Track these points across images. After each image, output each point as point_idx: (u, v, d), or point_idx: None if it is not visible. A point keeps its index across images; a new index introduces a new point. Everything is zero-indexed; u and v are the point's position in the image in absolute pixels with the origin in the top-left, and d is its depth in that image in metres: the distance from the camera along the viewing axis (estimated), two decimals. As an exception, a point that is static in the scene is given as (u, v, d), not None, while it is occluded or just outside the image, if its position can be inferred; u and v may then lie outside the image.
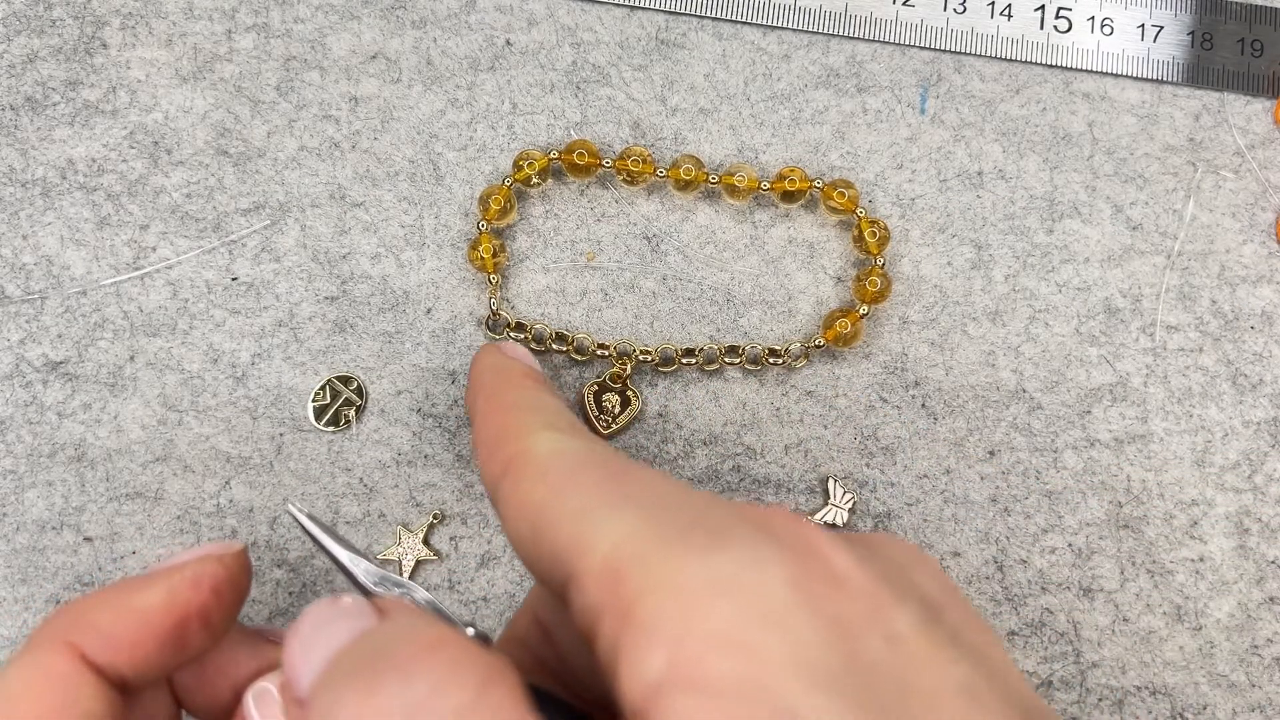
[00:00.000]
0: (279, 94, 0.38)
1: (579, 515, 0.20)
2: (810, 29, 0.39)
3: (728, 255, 0.38)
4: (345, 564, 0.26)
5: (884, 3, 0.39)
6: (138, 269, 0.37)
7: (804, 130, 0.39)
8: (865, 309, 0.36)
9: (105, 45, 0.38)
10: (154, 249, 0.37)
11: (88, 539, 0.35)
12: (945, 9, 0.40)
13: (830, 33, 0.39)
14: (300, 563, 0.35)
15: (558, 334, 0.36)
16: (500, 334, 0.36)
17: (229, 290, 0.36)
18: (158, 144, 0.37)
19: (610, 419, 0.36)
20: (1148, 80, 0.39)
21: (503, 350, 0.30)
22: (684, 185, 0.37)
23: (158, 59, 0.38)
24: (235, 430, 0.35)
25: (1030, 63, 0.39)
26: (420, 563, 0.35)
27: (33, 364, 0.36)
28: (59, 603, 0.34)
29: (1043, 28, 0.40)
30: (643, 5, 0.39)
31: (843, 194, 0.37)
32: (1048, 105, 0.39)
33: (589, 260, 0.37)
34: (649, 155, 0.37)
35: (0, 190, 0.37)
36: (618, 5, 0.39)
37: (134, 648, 0.23)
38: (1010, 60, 0.39)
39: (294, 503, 0.26)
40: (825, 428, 0.36)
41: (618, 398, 0.36)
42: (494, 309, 0.36)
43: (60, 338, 0.36)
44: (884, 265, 0.36)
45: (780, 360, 0.36)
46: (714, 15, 0.39)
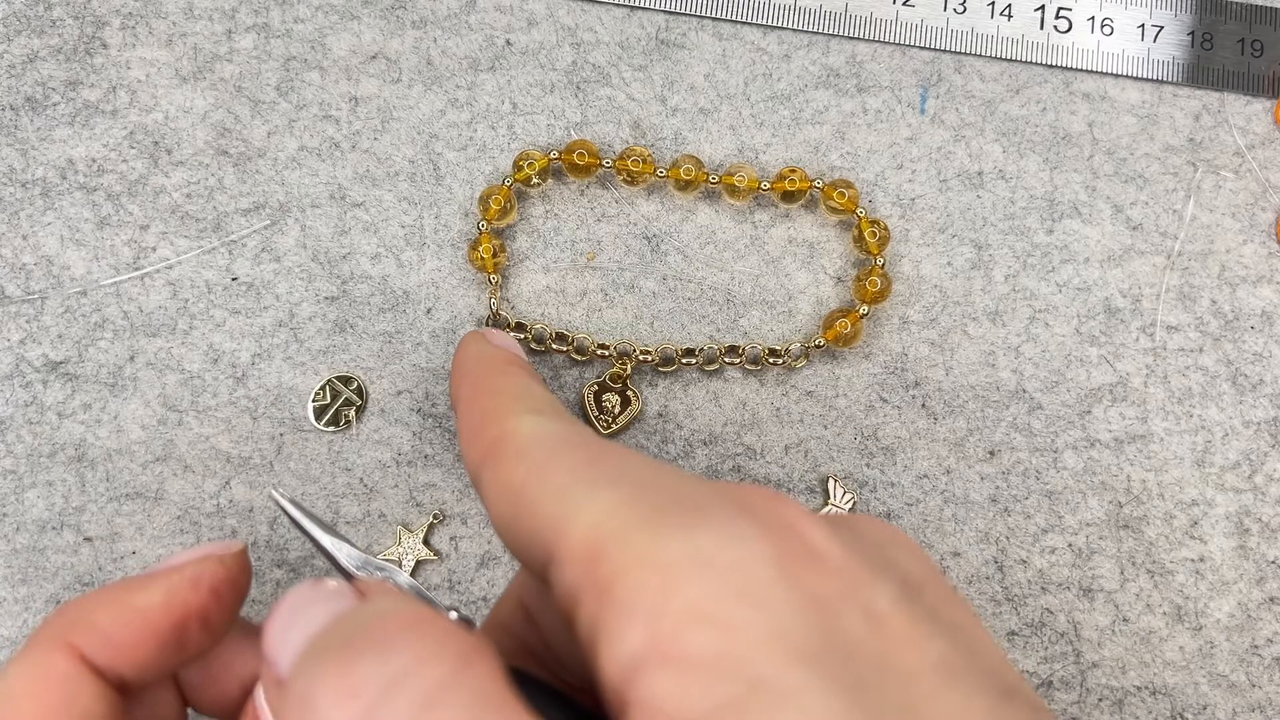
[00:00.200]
0: (279, 94, 0.38)
1: (558, 495, 0.20)
2: (810, 29, 0.39)
3: (728, 255, 0.38)
4: (328, 548, 0.26)
5: (884, 3, 0.39)
6: (138, 269, 0.37)
7: (804, 130, 0.39)
8: (865, 309, 0.36)
9: (105, 45, 0.38)
10: (154, 249, 0.37)
11: (88, 539, 0.35)
12: (945, 9, 0.40)
13: (830, 33, 0.39)
14: (300, 563, 0.35)
15: (558, 334, 0.36)
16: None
17: (229, 290, 0.36)
18: (158, 144, 0.37)
19: (610, 419, 0.36)
20: (1148, 80, 0.39)
21: (487, 337, 0.30)
22: (684, 185, 0.37)
23: (158, 59, 0.38)
24: (235, 430, 0.35)
25: (1030, 63, 0.39)
26: (420, 563, 0.35)
27: (33, 364, 0.36)
28: (59, 603, 0.34)
29: (1043, 28, 0.40)
30: (643, 5, 0.39)
31: (843, 194, 0.37)
32: (1048, 105, 0.39)
33: (589, 260, 0.37)
34: (649, 155, 0.37)
35: (0, 190, 0.37)
36: (618, 5, 0.39)
37: (134, 648, 0.23)
38: (1010, 60, 0.39)
39: (276, 488, 0.26)
40: (825, 428, 0.36)
41: (618, 398, 0.36)
42: (494, 309, 0.36)
43: (60, 338, 0.36)
44: (884, 265, 0.36)
45: (780, 360, 0.36)
46: (714, 15, 0.39)
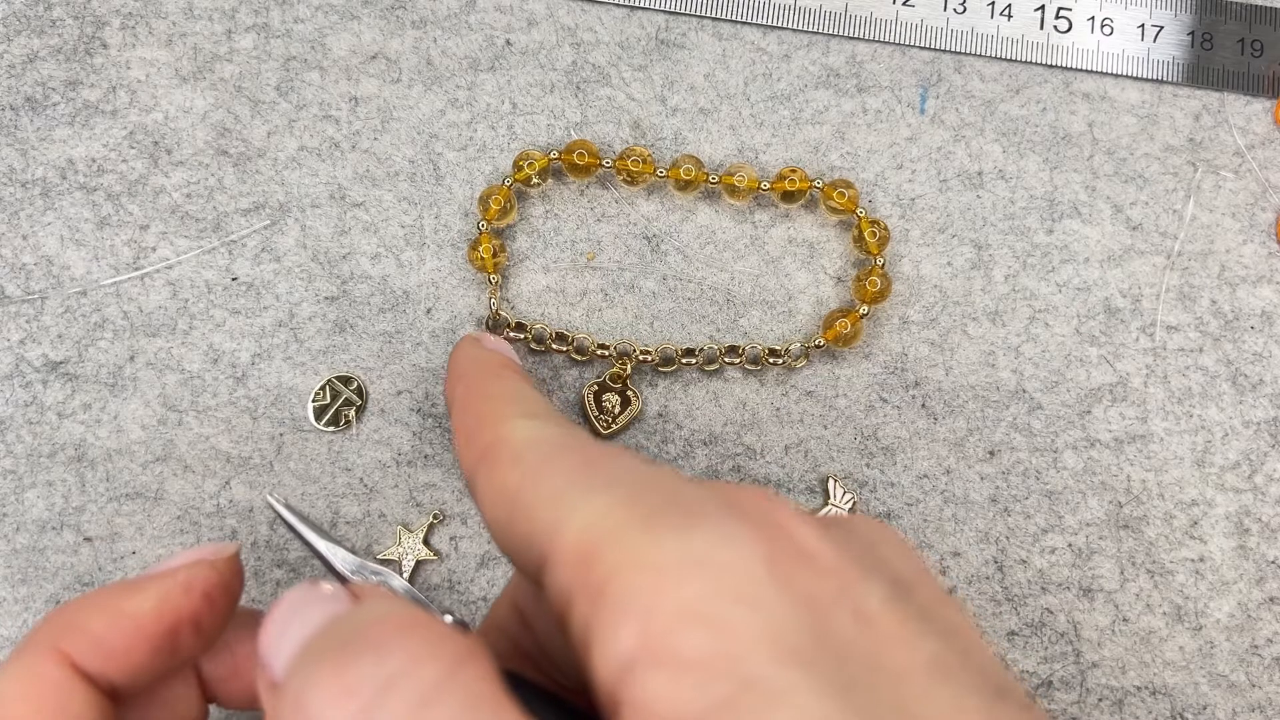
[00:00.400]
0: (279, 94, 0.38)
1: (552, 499, 0.20)
2: (810, 29, 0.39)
3: (728, 255, 0.38)
4: (323, 553, 0.26)
5: (884, 3, 0.39)
6: (138, 269, 0.37)
7: (804, 130, 0.39)
8: (865, 309, 0.36)
9: (105, 45, 0.38)
10: (154, 249, 0.37)
11: (88, 539, 0.35)
12: (945, 9, 0.40)
13: (830, 33, 0.39)
14: (300, 563, 0.35)
15: (558, 334, 0.36)
16: (500, 334, 0.36)
17: (229, 290, 0.36)
18: (158, 144, 0.37)
19: (610, 419, 0.36)
20: (1148, 80, 0.39)
21: (481, 341, 0.30)
22: (684, 185, 0.37)
23: (158, 59, 0.38)
24: (235, 430, 0.35)
25: (1030, 63, 0.39)
26: (420, 563, 0.35)
27: (33, 364, 0.36)
28: (59, 603, 0.34)
29: (1043, 28, 0.40)
30: (643, 5, 0.39)
31: (843, 194, 0.37)
32: (1048, 105, 0.39)
33: (589, 260, 0.37)
34: (649, 155, 0.37)
35: (0, 190, 0.37)
36: (618, 5, 0.39)
37: (125, 654, 0.23)
38: (1010, 60, 0.39)
39: (272, 493, 0.26)
40: (825, 428, 0.36)
41: (618, 398, 0.36)
42: (494, 309, 0.36)
43: (60, 338, 0.36)
44: (884, 265, 0.36)
45: (780, 360, 0.36)
46: (714, 15, 0.39)
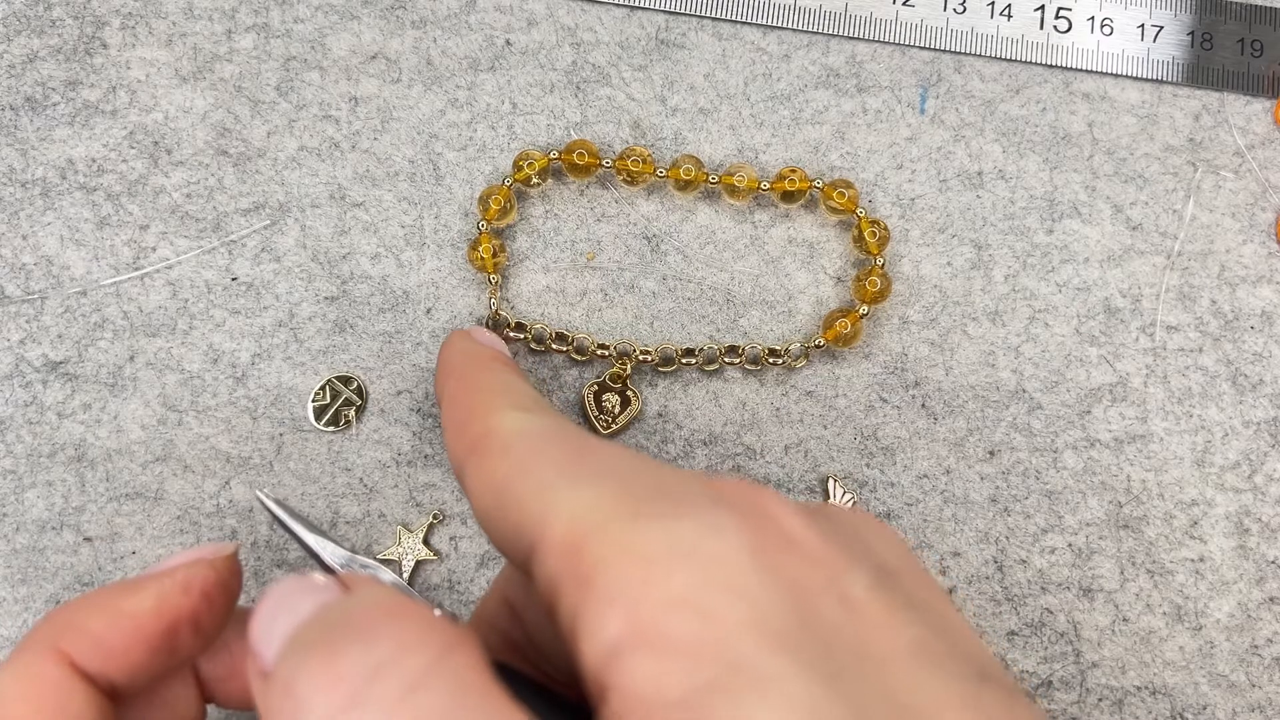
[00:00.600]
0: (279, 94, 0.38)
1: (541, 490, 0.20)
2: (810, 29, 0.39)
3: (728, 255, 0.38)
4: (312, 547, 0.26)
5: (884, 3, 0.39)
6: (138, 269, 0.37)
7: (804, 130, 0.39)
8: (865, 309, 0.36)
9: (105, 45, 0.38)
10: (154, 249, 0.37)
11: (88, 539, 0.35)
12: (945, 9, 0.40)
13: (830, 33, 0.39)
14: (299, 562, 0.35)
15: (558, 334, 0.36)
16: (500, 334, 0.36)
17: (229, 290, 0.36)
18: (158, 144, 0.37)
19: (610, 419, 0.36)
20: (1148, 80, 0.39)
21: (472, 335, 0.31)
22: (684, 185, 0.37)
23: (158, 59, 0.38)
24: (235, 430, 0.35)
25: (1030, 63, 0.39)
26: (420, 563, 0.35)
27: (33, 364, 0.36)
28: (59, 603, 0.34)
29: (1043, 28, 0.40)
30: (643, 5, 0.39)
31: (843, 194, 0.37)
32: (1048, 105, 0.39)
33: (589, 260, 0.37)
34: (649, 155, 0.37)
35: (0, 190, 0.37)
36: (618, 5, 0.39)
37: (124, 654, 0.23)
38: (1010, 60, 0.39)
39: (261, 489, 0.26)
40: (825, 428, 0.36)
41: (618, 398, 0.36)
42: (494, 309, 0.36)
43: (60, 338, 0.36)
44: (884, 265, 0.36)
45: (780, 360, 0.36)
46: (714, 15, 0.39)
